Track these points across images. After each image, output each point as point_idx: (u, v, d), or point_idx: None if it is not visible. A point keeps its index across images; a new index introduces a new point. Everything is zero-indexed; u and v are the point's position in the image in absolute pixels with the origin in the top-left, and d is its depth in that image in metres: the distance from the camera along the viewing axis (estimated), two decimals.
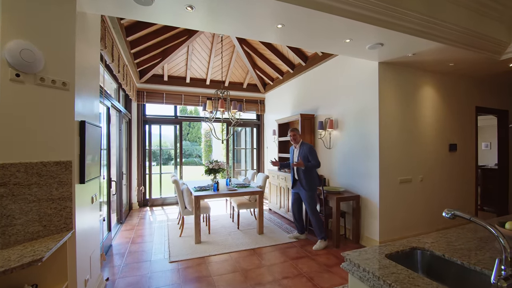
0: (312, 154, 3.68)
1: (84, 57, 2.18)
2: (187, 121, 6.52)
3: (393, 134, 3.60)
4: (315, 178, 3.74)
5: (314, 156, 3.67)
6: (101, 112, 3.51)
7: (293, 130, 3.88)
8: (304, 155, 3.72)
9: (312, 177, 3.71)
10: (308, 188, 3.67)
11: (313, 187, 3.70)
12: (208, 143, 15.68)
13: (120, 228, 4.54)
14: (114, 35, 3.33)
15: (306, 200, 3.68)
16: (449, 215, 1.16)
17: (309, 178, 3.69)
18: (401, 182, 3.66)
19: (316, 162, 3.65)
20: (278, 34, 2.70)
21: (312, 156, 3.67)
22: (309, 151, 3.69)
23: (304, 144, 3.80)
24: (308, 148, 3.72)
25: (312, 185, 3.69)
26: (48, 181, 1.78)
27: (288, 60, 5.42)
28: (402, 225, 3.65)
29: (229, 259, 3.25)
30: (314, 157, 3.67)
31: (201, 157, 18.78)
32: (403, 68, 3.69)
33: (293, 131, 3.88)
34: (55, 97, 1.83)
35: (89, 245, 2.27)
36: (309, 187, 3.67)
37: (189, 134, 23.98)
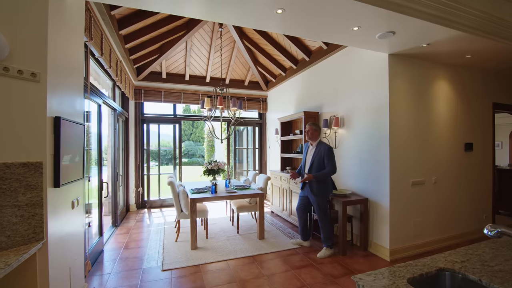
0: (329, 158, 3.23)
1: (62, 47, 1.96)
2: (186, 120, 6.29)
3: (405, 133, 3.32)
4: (328, 183, 3.34)
5: (332, 161, 3.22)
6: (90, 110, 3.31)
7: (311, 124, 3.41)
8: (320, 157, 3.29)
9: (325, 182, 3.32)
10: (320, 194, 3.30)
11: (325, 193, 3.32)
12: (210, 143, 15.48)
13: (115, 231, 4.33)
14: (104, 27, 3.12)
15: (318, 205, 3.30)
16: (493, 233, 0.90)
17: (321, 184, 3.30)
18: (414, 185, 3.37)
19: (331, 168, 3.21)
20: (279, 21, 2.44)
21: (329, 160, 3.22)
22: (327, 153, 3.24)
23: (322, 144, 3.35)
24: (326, 150, 3.26)
25: (324, 191, 3.31)
26: (13, 185, 1.56)
27: (291, 55, 5.16)
28: (414, 231, 3.37)
29: (227, 267, 3.01)
30: (331, 161, 3.22)
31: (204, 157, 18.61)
32: (416, 61, 3.40)
33: (312, 125, 3.40)
34: (23, 90, 1.61)
35: (68, 254, 2.05)
36: (321, 193, 3.30)
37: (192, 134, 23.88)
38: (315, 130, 3.40)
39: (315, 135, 3.41)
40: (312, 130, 3.40)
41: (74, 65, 2.22)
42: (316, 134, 3.41)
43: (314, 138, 3.43)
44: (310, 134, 3.42)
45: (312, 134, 3.41)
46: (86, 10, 2.51)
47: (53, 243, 1.77)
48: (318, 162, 3.31)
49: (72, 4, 2.12)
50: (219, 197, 3.74)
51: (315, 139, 3.43)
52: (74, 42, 2.21)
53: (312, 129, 3.40)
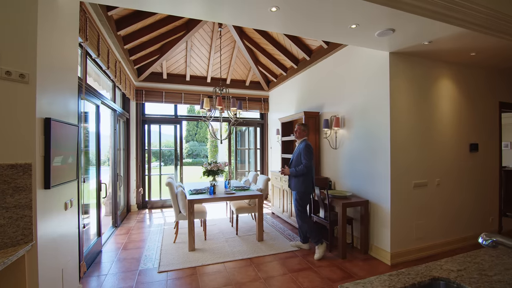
0: (305, 154, 3.35)
1: (54, 48, 1.95)
2: (187, 121, 6.28)
3: (406, 133, 3.23)
4: (306, 180, 3.39)
5: (306, 157, 3.33)
6: (88, 111, 3.31)
7: (300, 125, 3.60)
8: (298, 154, 3.45)
9: (302, 178, 3.39)
10: (297, 190, 3.41)
11: (302, 189, 3.38)
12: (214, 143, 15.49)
13: (115, 232, 4.34)
14: (101, 28, 3.12)
15: (295, 201, 3.43)
16: (488, 242, 0.84)
17: (297, 179, 3.41)
18: (416, 187, 3.28)
19: (304, 164, 3.30)
20: (273, 19, 2.39)
21: (304, 157, 3.35)
22: (303, 150, 3.38)
23: (303, 141, 3.51)
24: (303, 147, 3.40)
25: (301, 187, 3.38)
26: (1, 186, 1.54)
27: (292, 55, 5.10)
28: (416, 235, 3.27)
29: (223, 270, 2.97)
30: (305, 158, 3.34)
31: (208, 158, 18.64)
32: (417, 59, 3.31)
33: (301, 125, 3.59)
34: (11, 91, 1.59)
35: (61, 256, 2.04)
36: (297, 188, 3.40)
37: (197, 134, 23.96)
38: (303, 130, 3.56)
39: (302, 134, 3.56)
40: (300, 130, 3.56)
41: (67, 66, 2.21)
42: (304, 133, 3.56)
43: (300, 137, 3.57)
44: (298, 133, 3.58)
45: (299, 134, 3.56)
46: (81, 11, 2.50)
47: (43, 245, 1.76)
48: (297, 158, 3.45)
49: (64, 5, 2.11)
50: (217, 198, 3.71)
51: (300, 137, 3.57)
52: (67, 42, 2.20)
53: (300, 129, 3.57)
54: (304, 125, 3.60)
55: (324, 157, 4.44)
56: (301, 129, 3.57)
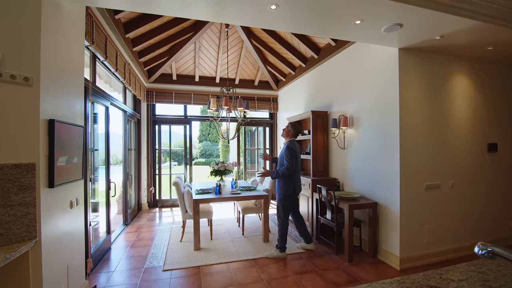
0: (288, 157, 3.25)
1: (59, 52, 2.01)
2: (196, 121, 6.36)
3: (417, 132, 3.09)
4: (288, 183, 3.29)
5: (288, 160, 3.23)
6: (97, 112, 3.41)
7: (289, 124, 3.57)
8: (282, 155, 3.40)
9: (284, 181, 3.30)
10: (278, 192, 3.36)
11: (283, 192, 3.30)
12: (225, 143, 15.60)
13: (125, 229, 4.46)
14: (108, 31, 3.20)
15: (277, 203, 3.41)
16: (483, 252, 0.77)
17: (279, 182, 3.36)
18: (428, 188, 3.13)
19: (286, 167, 3.21)
20: (274, 18, 2.36)
21: (286, 158, 3.26)
22: (285, 152, 3.30)
23: (288, 142, 3.42)
24: (285, 148, 3.33)
25: (281, 189, 3.32)
26: (6, 185, 1.61)
27: (300, 53, 5.03)
28: (428, 239, 3.13)
29: (227, 270, 2.97)
30: (288, 158, 3.24)
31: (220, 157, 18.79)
32: (429, 55, 3.16)
33: (289, 124, 3.56)
34: (15, 94, 1.66)
35: (66, 253, 2.11)
36: (278, 191, 3.35)
37: (209, 134, 24.24)
38: (289, 130, 3.52)
39: (288, 134, 3.52)
40: (286, 129, 3.55)
41: (73, 69, 2.27)
42: (290, 134, 3.51)
43: (286, 137, 3.56)
44: (285, 132, 3.56)
45: (286, 133, 3.55)
46: (87, 15, 2.58)
47: (47, 242, 1.82)
48: (280, 159, 3.40)
49: (70, 9, 2.17)
50: (223, 198, 3.71)
51: (287, 138, 3.54)
52: (73, 46, 2.26)
53: (287, 128, 3.55)
54: (292, 125, 3.53)
55: (332, 157, 4.34)
56: (287, 129, 3.52)
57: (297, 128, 3.54)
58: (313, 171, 4.28)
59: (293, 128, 3.52)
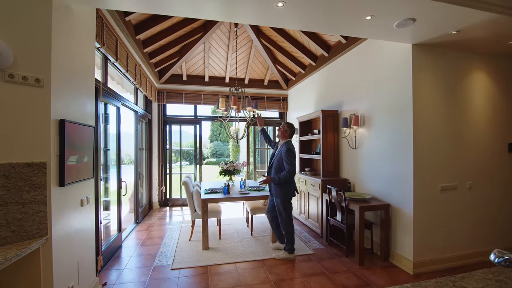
0: (287, 158, 3.17)
1: (70, 53, 2.06)
2: (206, 121, 6.40)
3: (432, 132, 2.97)
4: (288, 185, 3.26)
5: (290, 162, 3.16)
6: (108, 113, 3.48)
7: (285, 124, 3.44)
8: (279, 157, 3.28)
9: (285, 184, 3.24)
10: (279, 196, 3.24)
11: (285, 195, 3.24)
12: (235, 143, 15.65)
13: (136, 228, 4.54)
14: (119, 33, 3.26)
15: (278, 208, 3.29)
16: (500, 260, 0.71)
17: (280, 185, 3.24)
18: (443, 190, 3.00)
19: (289, 171, 3.14)
20: (281, 15, 2.32)
21: (287, 162, 3.16)
22: (285, 154, 3.18)
23: (285, 144, 3.30)
24: (285, 151, 3.20)
25: (282, 192, 3.23)
26: (18, 183, 1.66)
27: (310, 52, 4.95)
28: (443, 243, 3.00)
29: (234, 270, 2.96)
30: (289, 163, 3.16)
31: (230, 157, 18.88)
32: (444, 50, 3.02)
33: (285, 124, 3.43)
34: (27, 95, 1.71)
35: (76, 250, 2.15)
36: (279, 195, 3.24)
37: (221, 134, 24.42)
38: (286, 130, 3.40)
39: (284, 135, 3.40)
40: (283, 129, 3.41)
41: (84, 70, 2.32)
42: (286, 134, 3.39)
43: (282, 137, 3.42)
44: (281, 132, 3.43)
45: (282, 133, 3.42)
46: (98, 18, 2.63)
47: (58, 239, 1.87)
48: (277, 162, 3.29)
49: (80, 12, 2.22)
50: (231, 198, 3.71)
51: (283, 139, 3.41)
52: (83, 48, 2.32)
53: (283, 128, 3.41)
54: (288, 125, 3.42)
55: (342, 158, 4.25)
56: (284, 129, 3.40)
57: (293, 128, 3.46)
58: (323, 172, 4.21)
59: (289, 128, 3.42)
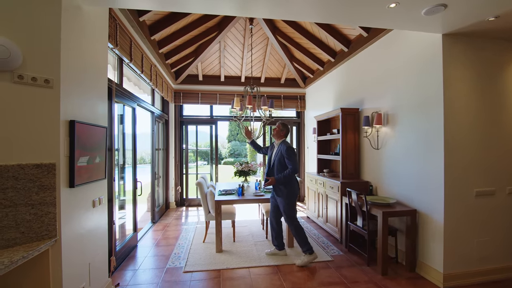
0: (289, 157, 3.10)
1: (80, 54, 2.05)
2: (222, 121, 6.37)
3: (466, 130, 2.67)
4: (292, 184, 3.15)
5: (292, 160, 3.09)
6: (124, 114, 3.51)
7: (280, 123, 3.32)
8: (280, 157, 3.17)
9: (290, 183, 3.13)
10: (284, 195, 3.12)
11: (291, 194, 3.14)
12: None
13: (152, 227, 4.57)
14: (133, 33, 3.26)
15: (283, 209, 3.16)
16: None
17: (284, 185, 3.13)
18: (478, 195, 2.70)
19: (292, 168, 3.07)
20: (299, 7, 2.17)
21: (289, 160, 3.09)
22: (286, 152, 3.12)
23: (283, 143, 3.23)
24: (285, 149, 3.13)
25: (289, 192, 3.13)
26: (27, 185, 1.66)
27: (328, 48, 4.73)
28: (479, 254, 2.69)
29: (247, 275, 2.85)
30: (292, 160, 3.09)
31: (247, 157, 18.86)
32: (480, 41, 2.71)
33: (280, 124, 3.31)
34: (36, 96, 1.70)
35: (88, 251, 2.15)
36: (285, 195, 3.12)
37: (238, 134, 24.48)
38: (281, 130, 3.30)
39: (280, 134, 3.30)
40: (278, 129, 3.30)
41: (96, 71, 2.32)
42: (281, 134, 3.30)
43: (277, 137, 3.33)
44: (275, 132, 3.33)
45: (277, 133, 3.31)
46: (111, 18, 2.63)
47: (68, 240, 1.85)
48: (279, 162, 3.18)
49: (91, 12, 2.21)
50: (245, 200, 3.60)
51: (278, 138, 3.32)
52: (95, 48, 2.31)
53: (278, 128, 3.31)
54: (284, 125, 3.32)
55: (364, 159, 4.00)
56: (279, 128, 3.29)
57: (288, 128, 3.37)
58: (343, 173, 3.98)
59: (285, 127, 3.31)
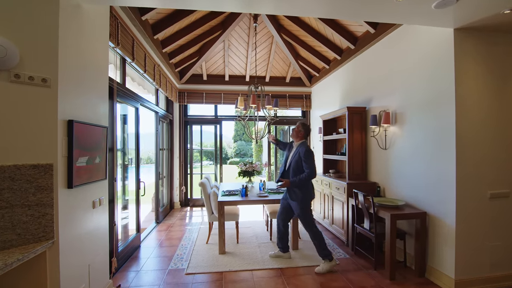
0: (307, 160, 2.99)
1: (80, 53, 2.02)
2: (226, 121, 6.32)
3: (479, 130, 2.54)
4: (308, 188, 3.06)
5: (310, 164, 2.99)
6: (127, 113, 3.49)
7: (300, 124, 3.21)
8: (297, 159, 3.06)
9: (305, 187, 3.03)
10: (299, 200, 3.01)
11: (306, 199, 3.04)
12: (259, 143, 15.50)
13: (156, 228, 4.56)
14: (135, 32, 3.24)
15: (299, 214, 3.06)
16: None
17: (299, 189, 3.02)
18: (493, 198, 2.56)
19: (309, 172, 2.97)
20: (302, 2, 2.09)
21: (307, 163, 2.99)
22: (304, 155, 3.01)
23: (302, 145, 3.11)
24: (304, 152, 3.02)
25: (304, 196, 3.03)
26: (23, 185, 1.63)
27: (334, 45, 4.62)
28: (492, 260, 2.56)
29: (250, 278, 2.78)
30: (309, 164, 2.99)
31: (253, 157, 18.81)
32: (494, 35, 2.57)
33: (300, 124, 3.20)
34: (34, 95, 1.68)
35: (87, 252, 2.12)
36: (300, 199, 3.02)
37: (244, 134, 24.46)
38: (300, 131, 3.19)
39: (298, 135, 3.19)
40: (297, 129, 3.20)
41: (95, 70, 2.29)
42: (300, 134, 3.18)
43: (296, 138, 3.21)
44: (295, 133, 3.22)
45: (296, 134, 3.20)
46: (112, 17, 2.60)
47: (66, 242, 1.82)
48: (295, 164, 3.07)
49: (91, 10, 2.18)
50: (248, 201, 3.54)
51: (297, 139, 3.20)
52: (95, 47, 2.28)
53: (298, 128, 3.20)
54: (304, 125, 3.20)
55: (371, 159, 3.88)
56: (298, 129, 3.18)
57: (308, 128, 3.25)
58: (349, 174, 3.88)
59: (304, 128, 3.19)
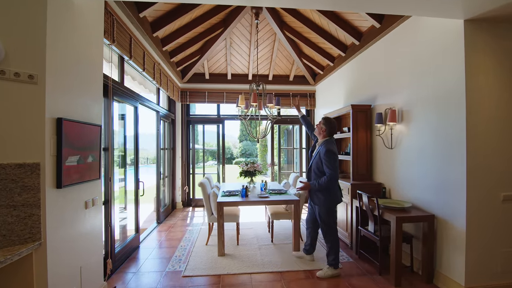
0: (327, 162, 2.73)
1: (70, 50, 1.96)
2: (229, 120, 6.24)
3: (491, 128, 2.39)
4: (331, 191, 2.83)
5: (330, 164, 2.72)
6: (125, 113, 3.44)
7: (322, 119, 2.96)
8: (317, 159, 2.85)
9: (327, 190, 2.81)
10: (321, 203, 2.83)
11: (328, 203, 2.82)
12: (263, 143, 15.40)
13: (156, 228, 4.51)
14: (133, 29, 3.18)
15: (319, 216, 2.89)
16: None
17: (321, 192, 2.83)
18: (506, 200, 2.40)
19: (330, 175, 2.71)
20: None
21: (327, 164, 2.73)
22: (325, 156, 2.75)
23: (324, 144, 2.84)
24: (324, 152, 2.76)
25: (327, 200, 2.82)
26: (8, 185, 1.58)
27: (339, 41, 4.49)
28: (504, 266, 2.39)
29: (249, 282, 2.69)
30: (329, 165, 2.72)
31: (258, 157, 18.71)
32: (504, 26, 2.41)
33: (322, 120, 2.95)
34: (20, 92, 1.62)
35: (79, 253, 2.06)
36: (321, 202, 2.83)
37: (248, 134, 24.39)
38: (322, 128, 2.92)
39: (321, 133, 2.94)
40: (319, 125, 2.96)
41: (88, 67, 2.22)
42: (322, 132, 2.92)
43: (319, 136, 2.97)
44: (317, 130, 2.98)
45: (319, 131, 2.96)
46: (107, 13, 2.55)
47: (55, 243, 1.77)
48: (316, 165, 2.88)
49: (83, 6, 2.12)
50: (249, 202, 3.44)
51: (321, 137, 2.96)
52: (87, 44, 2.21)
53: (320, 124, 2.96)
54: (326, 121, 2.91)
55: (376, 159, 3.74)
56: (320, 126, 2.93)
57: (332, 124, 2.91)
58: (353, 174, 3.74)
59: (327, 124, 2.88)
